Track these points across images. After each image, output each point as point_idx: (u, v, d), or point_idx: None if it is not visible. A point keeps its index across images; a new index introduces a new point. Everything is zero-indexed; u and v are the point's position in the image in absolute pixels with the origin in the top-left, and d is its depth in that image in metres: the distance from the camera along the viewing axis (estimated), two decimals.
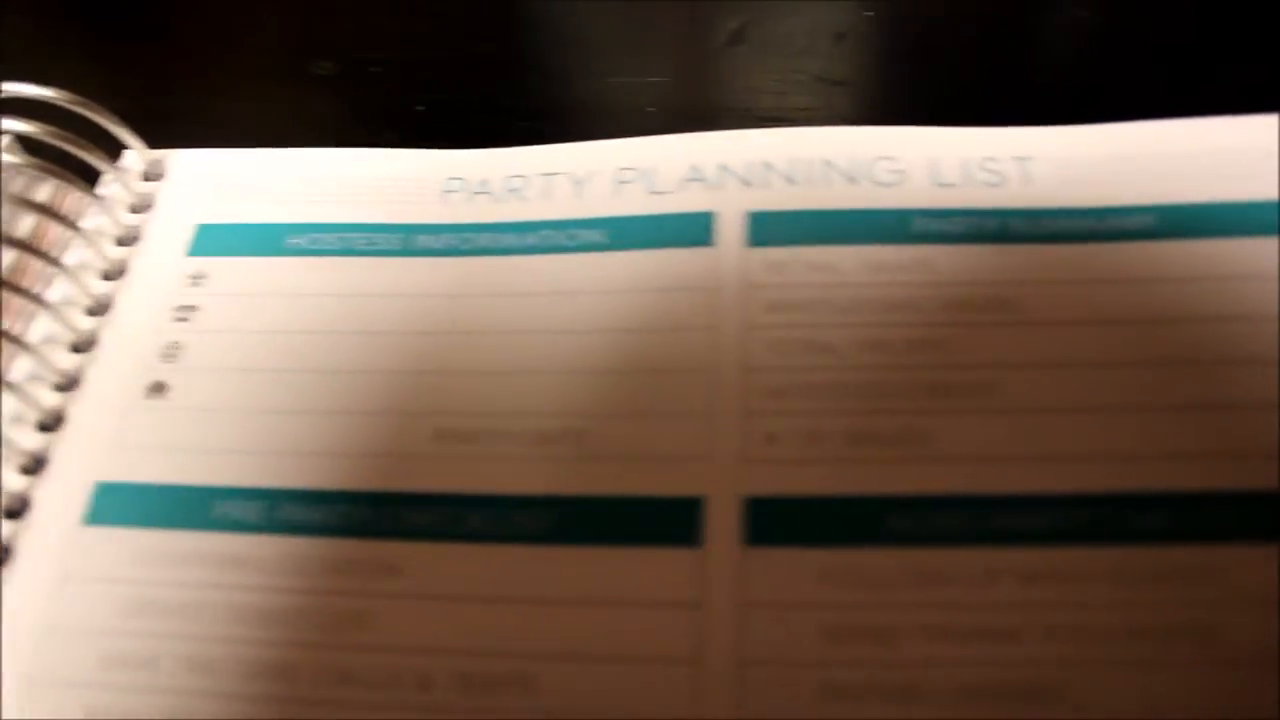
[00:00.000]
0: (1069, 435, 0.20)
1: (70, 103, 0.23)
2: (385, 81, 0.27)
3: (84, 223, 0.23)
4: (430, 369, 0.21)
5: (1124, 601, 0.18)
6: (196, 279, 0.23)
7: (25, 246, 0.22)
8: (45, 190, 0.23)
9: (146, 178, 0.25)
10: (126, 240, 0.24)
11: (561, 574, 0.19)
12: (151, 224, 0.24)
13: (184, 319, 0.22)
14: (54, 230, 0.23)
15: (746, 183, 0.23)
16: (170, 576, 0.19)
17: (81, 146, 0.23)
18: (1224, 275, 0.21)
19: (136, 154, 0.24)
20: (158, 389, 0.22)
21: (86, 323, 0.22)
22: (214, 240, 0.24)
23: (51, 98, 0.23)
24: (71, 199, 0.23)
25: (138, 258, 0.23)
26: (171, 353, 0.22)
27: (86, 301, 0.23)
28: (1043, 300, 0.21)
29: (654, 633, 0.18)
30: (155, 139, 0.25)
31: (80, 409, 0.21)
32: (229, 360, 0.22)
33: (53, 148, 0.23)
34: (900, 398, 0.20)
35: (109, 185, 0.24)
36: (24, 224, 0.23)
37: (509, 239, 0.23)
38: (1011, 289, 0.21)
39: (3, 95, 0.23)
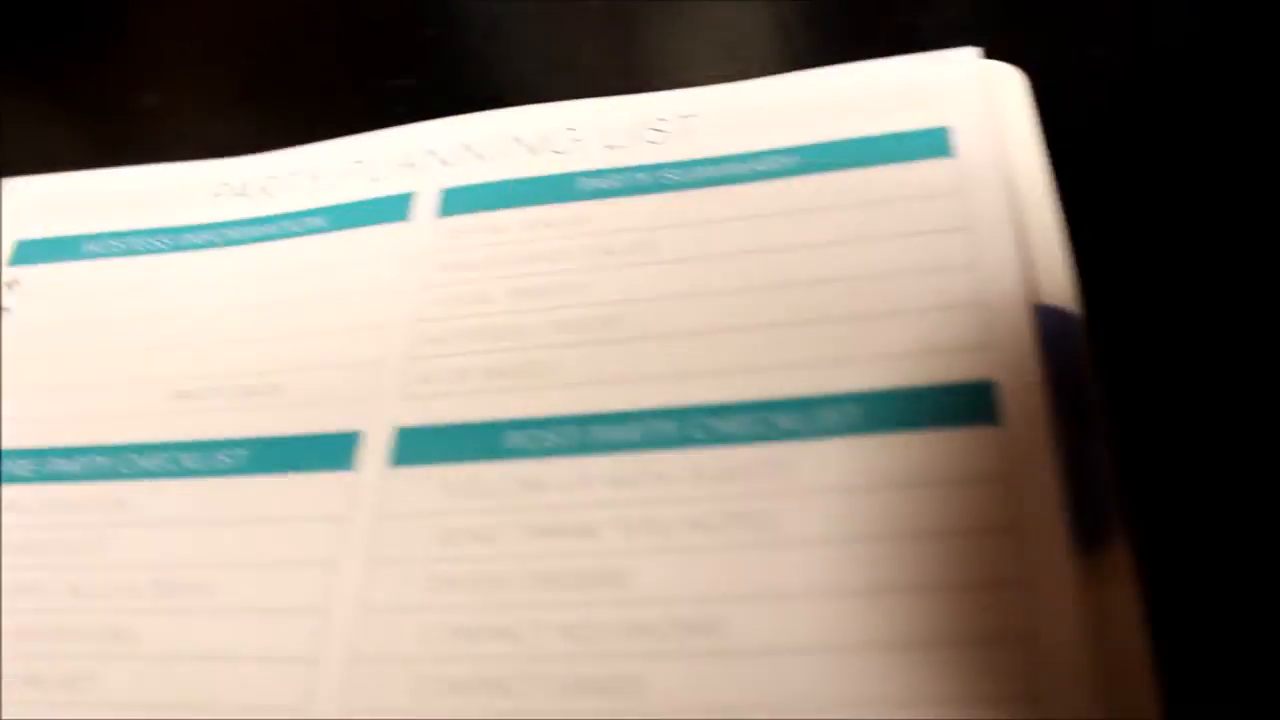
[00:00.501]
0: (668, 356, 0.22)
1: None
2: None
3: None
4: (175, 344, 0.26)
5: (697, 497, 0.21)
6: (10, 285, 0.28)
7: None
8: None
9: None
10: None
11: (248, 498, 0.23)
12: None
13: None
14: None
15: (445, 163, 0.26)
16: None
17: None
18: (846, 204, 0.23)
19: None
20: None
21: None
22: (27, 252, 0.28)
23: None
24: None
25: None
26: None
27: None
28: (678, 240, 0.24)
29: (305, 543, 0.22)
30: None
31: None
32: (31, 350, 0.27)
33: None
34: (535, 335, 0.23)
35: None
36: None
37: (254, 230, 0.27)
38: (654, 233, 0.24)
39: None
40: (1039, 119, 0.24)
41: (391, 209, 0.26)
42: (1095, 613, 0.18)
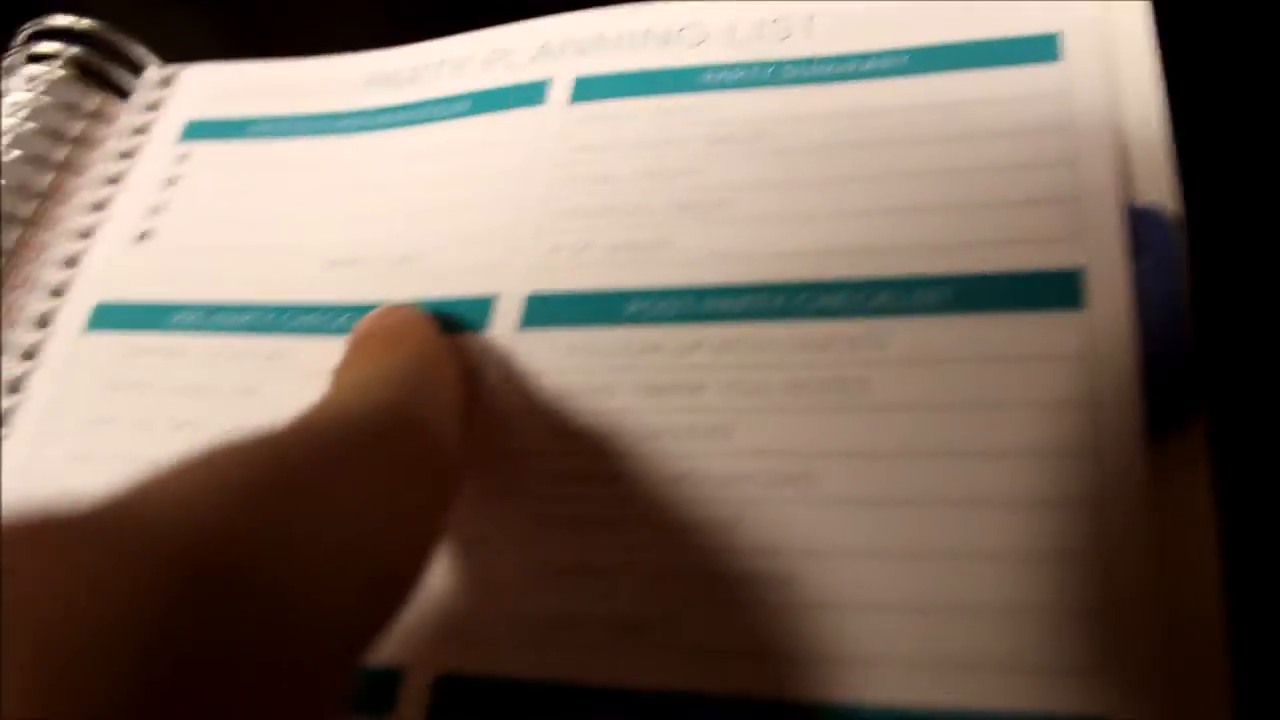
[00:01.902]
0: (776, 236, 0.24)
1: (105, 30, 0.31)
2: None
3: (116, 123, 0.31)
4: (330, 218, 0.28)
5: (796, 363, 0.23)
6: (182, 158, 0.31)
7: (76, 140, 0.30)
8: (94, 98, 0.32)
9: (162, 86, 0.32)
10: (142, 129, 0.32)
11: None
12: (158, 121, 0.32)
13: (169, 186, 0.30)
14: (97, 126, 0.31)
15: (581, 52, 0.28)
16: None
17: (114, 62, 0.31)
18: (951, 102, 0.25)
19: (154, 69, 0.32)
20: (144, 236, 0.29)
21: (100, 192, 0.31)
22: (197, 130, 0.31)
23: (91, 27, 0.31)
24: (108, 103, 0.32)
25: (148, 144, 0.31)
26: (157, 210, 0.30)
27: (105, 176, 0.31)
28: (791, 131, 0.26)
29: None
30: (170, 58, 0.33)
31: (94, 244, 0.30)
32: (200, 215, 0.30)
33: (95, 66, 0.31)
34: (655, 213, 0.25)
35: (135, 93, 0.32)
36: (76, 126, 0.31)
37: (403, 115, 0.29)
38: (769, 124, 0.26)
39: (56, 26, 0.31)
40: (1156, 31, 0.25)
41: (529, 94, 0.28)
42: (1164, 490, 0.20)
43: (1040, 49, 0.25)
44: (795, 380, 0.22)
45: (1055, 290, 0.22)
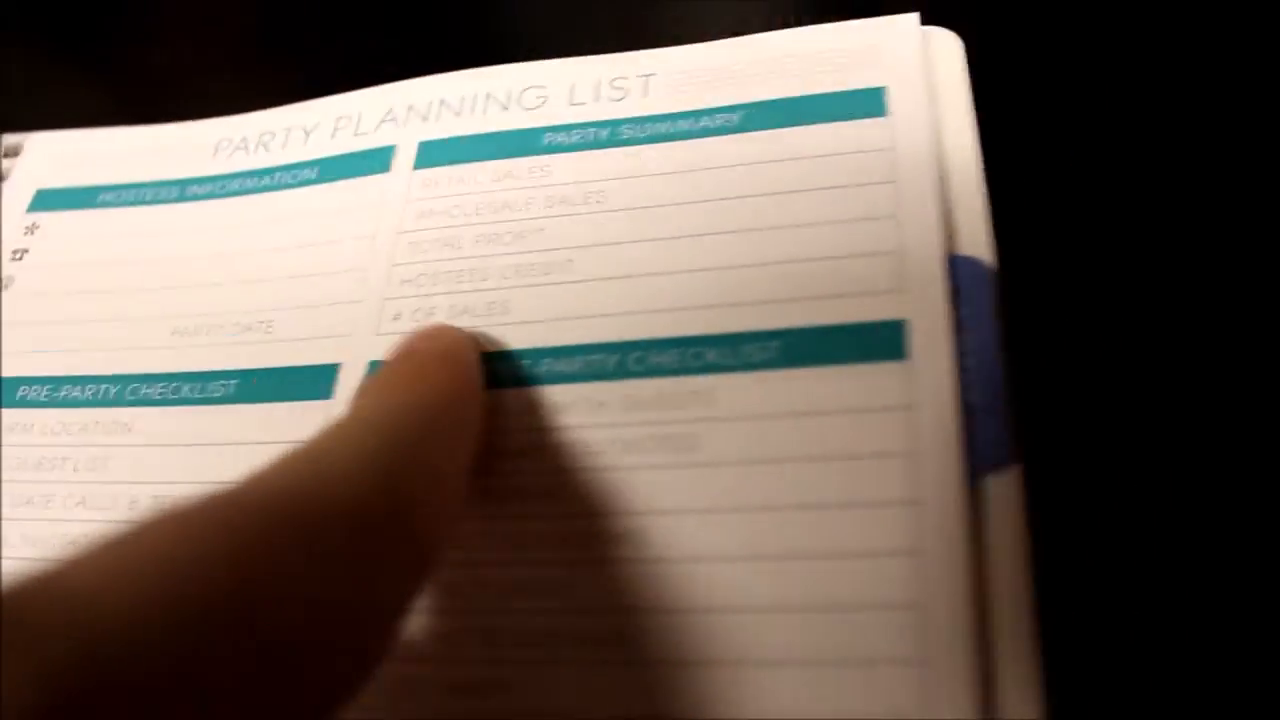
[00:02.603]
0: (610, 297, 0.24)
1: None
2: None
3: None
4: (176, 286, 0.28)
5: (628, 422, 0.23)
6: (30, 229, 0.30)
7: None
8: None
9: (6, 155, 0.32)
10: None
11: (238, 424, 0.25)
12: (5, 192, 0.32)
13: (18, 259, 0.30)
14: None
15: (424, 119, 0.29)
16: None
17: None
18: (782, 158, 0.26)
19: (2, 138, 0.32)
20: None
21: None
22: (46, 200, 0.31)
23: None
24: None
25: None
26: (6, 283, 0.30)
27: None
28: (627, 191, 0.26)
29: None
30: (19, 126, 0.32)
31: None
32: (48, 288, 0.29)
33: None
34: (495, 278, 0.26)
35: None
36: None
37: (252, 182, 0.29)
38: (606, 184, 0.26)
39: None
40: (972, 81, 0.26)
41: (375, 161, 0.28)
42: (981, 535, 0.20)
43: (867, 104, 0.25)
44: (627, 440, 0.22)
45: (879, 342, 0.22)
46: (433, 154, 0.28)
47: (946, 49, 0.26)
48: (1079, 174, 0.24)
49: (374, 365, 0.25)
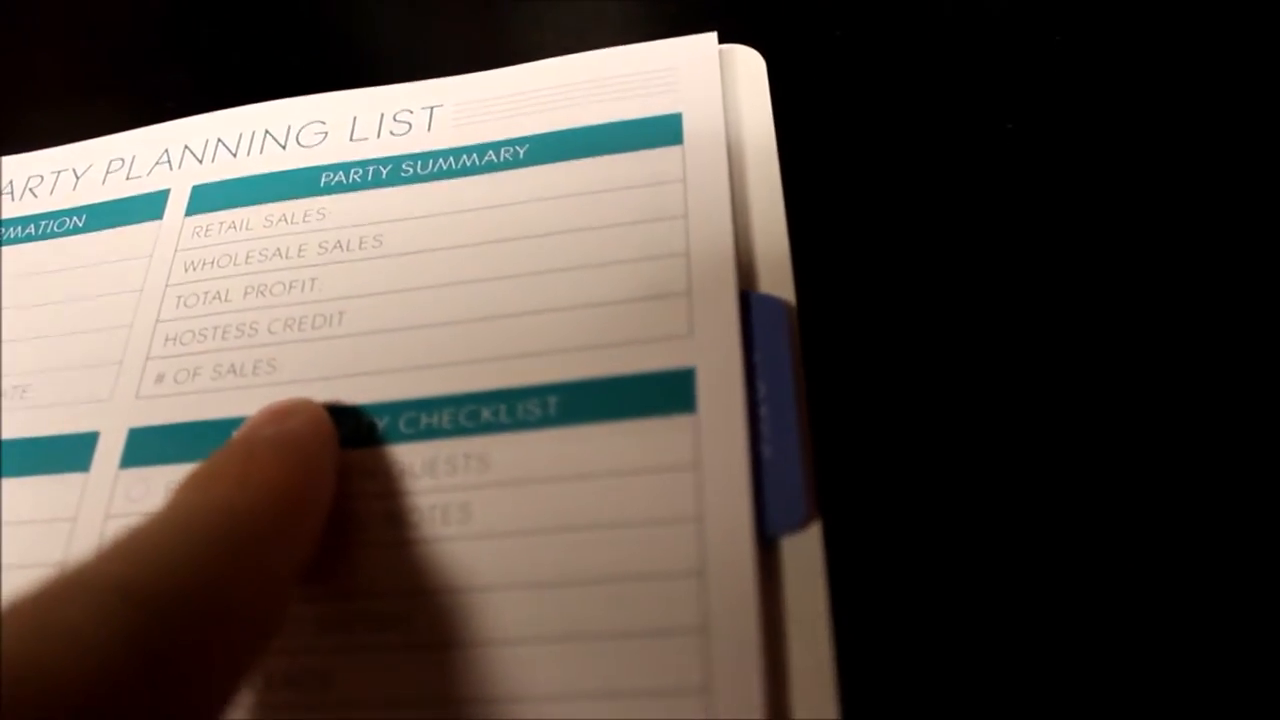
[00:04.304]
0: (382, 352, 0.23)
1: None
2: None
3: None
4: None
5: (396, 491, 0.21)
6: None
7: None
8: None
9: None
10: None
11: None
12: None
13: None
14: None
15: (199, 160, 0.27)
16: None
17: None
18: (569, 193, 0.24)
19: None
20: None
21: None
22: None
23: None
24: None
25: None
26: None
27: None
28: (405, 234, 0.24)
29: (43, 545, 0.22)
30: None
31: None
32: None
33: None
34: (263, 333, 0.24)
35: None
36: None
37: (16, 230, 0.27)
38: (384, 226, 0.24)
39: None
40: (774, 100, 0.24)
41: (147, 208, 0.26)
42: (777, 604, 0.19)
43: (662, 132, 0.24)
44: (393, 511, 0.21)
45: (666, 394, 0.21)
46: (205, 198, 0.26)
47: (748, 68, 0.25)
48: (884, 194, 0.23)
49: (134, 434, 0.23)
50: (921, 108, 0.24)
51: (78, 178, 0.28)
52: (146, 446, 0.23)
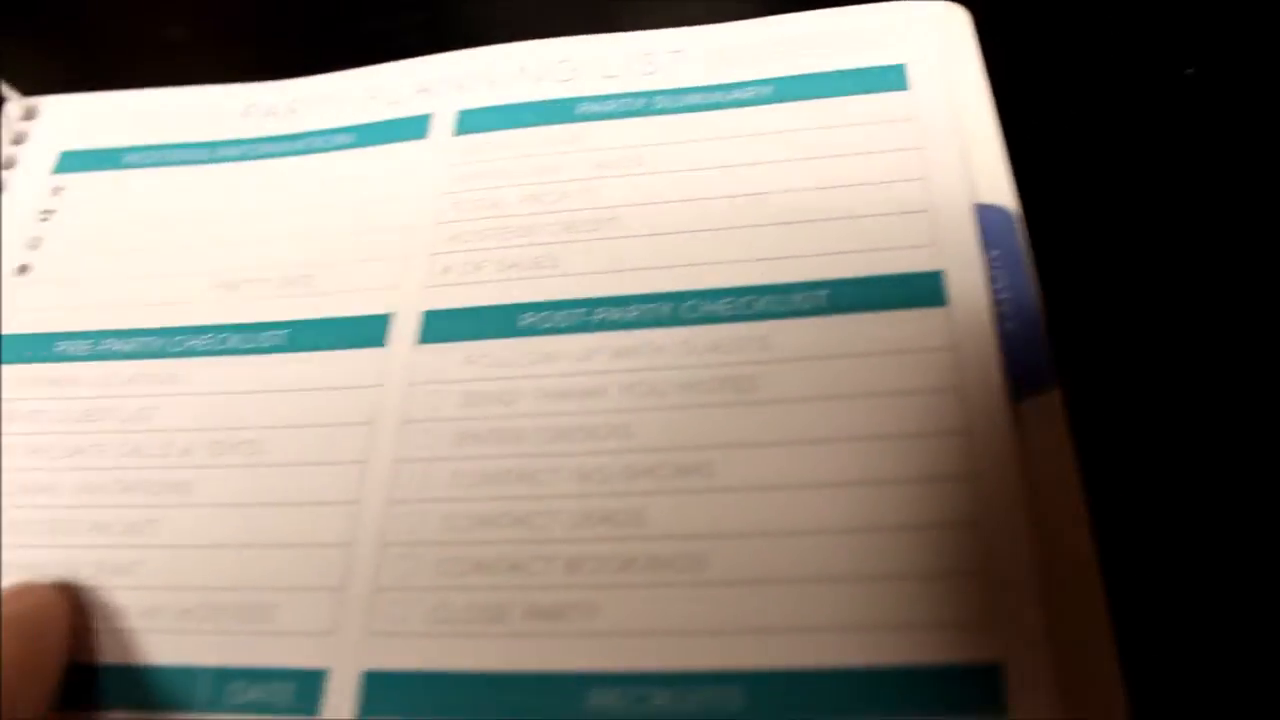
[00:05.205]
0: (658, 251, 0.26)
1: None
2: None
3: None
4: (215, 242, 0.29)
5: (688, 365, 0.24)
6: (56, 191, 0.31)
7: None
8: None
9: (23, 119, 0.32)
10: (9, 164, 0.31)
11: (290, 371, 0.26)
12: (25, 154, 0.32)
13: (45, 219, 0.30)
14: None
15: (460, 88, 0.30)
16: None
17: None
18: (814, 127, 0.27)
19: (15, 102, 0.32)
20: (23, 269, 0.29)
21: None
22: (70, 162, 0.31)
23: None
24: None
25: (16, 178, 0.31)
26: (34, 244, 0.30)
27: None
28: (665, 156, 0.27)
29: (346, 407, 0.25)
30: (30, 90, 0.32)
31: None
32: (79, 247, 0.30)
33: None
34: (543, 234, 0.27)
35: None
36: None
37: (285, 145, 0.30)
38: (644, 150, 0.28)
39: None
40: (983, 51, 0.28)
41: (411, 128, 0.29)
42: (1030, 451, 0.22)
43: (889, 79, 0.27)
44: (689, 380, 0.24)
45: (920, 290, 0.24)
46: (472, 121, 0.29)
47: (957, 23, 0.28)
48: (1086, 120, 0.26)
49: (429, 315, 0.26)
50: (1104, 54, 0.28)
51: (339, 102, 0.31)
52: (442, 325, 0.26)
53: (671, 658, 0.21)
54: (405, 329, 0.26)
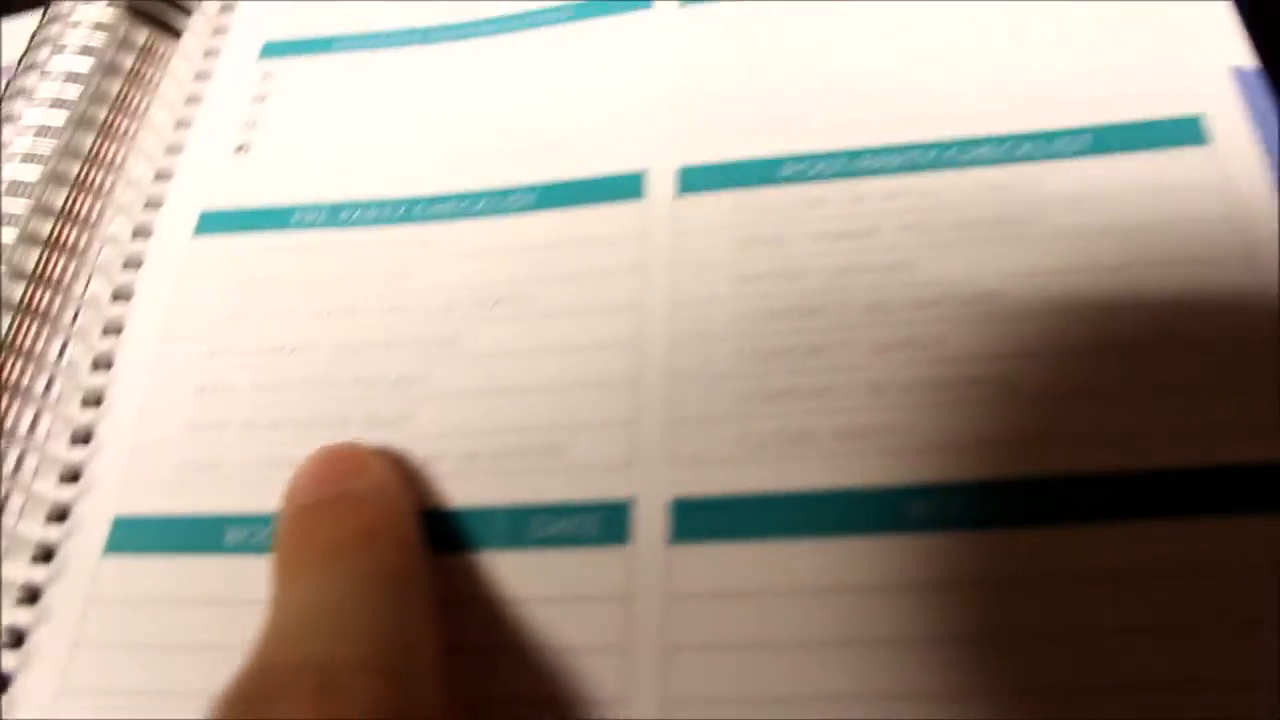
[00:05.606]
0: (917, 105, 0.26)
1: None
2: None
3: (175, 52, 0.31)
4: (447, 113, 0.29)
5: (959, 204, 0.24)
6: (266, 75, 0.31)
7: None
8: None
9: (224, 11, 0.32)
10: (212, 53, 0.31)
11: (547, 227, 0.26)
12: (228, 43, 0.32)
13: (259, 103, 0.30)
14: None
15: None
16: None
17: None
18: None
19: None
20: (242, 148, 0.29)
21: (182, 111, 0.30)
22: (277, 49, 0.31)
23: None
24: (157, 38, 0.31)
25: (223, 65, 0.31)
26: (251, 124, 0.30)
27: (183, 97, 0.30)
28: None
29: (613, 253, 0.25)
30: None
31: (185, 159, 0.29)
32: (298, 126, 0.29)
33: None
34: (795, 92, 0.27)
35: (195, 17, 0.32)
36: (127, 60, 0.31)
37: (502, 24, 0.30)
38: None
39: None
40: None
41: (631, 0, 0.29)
42: None
43: None
44: (963, 219, 0.24)
45: (1180, 132, 0.24)
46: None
47: None
48: None
49: (686, 170, 0.26)
50: None
51: None
52: (700, 178, 0.26)
53: (987, 468, 0.21)
54: (662, 183, 0.26)
